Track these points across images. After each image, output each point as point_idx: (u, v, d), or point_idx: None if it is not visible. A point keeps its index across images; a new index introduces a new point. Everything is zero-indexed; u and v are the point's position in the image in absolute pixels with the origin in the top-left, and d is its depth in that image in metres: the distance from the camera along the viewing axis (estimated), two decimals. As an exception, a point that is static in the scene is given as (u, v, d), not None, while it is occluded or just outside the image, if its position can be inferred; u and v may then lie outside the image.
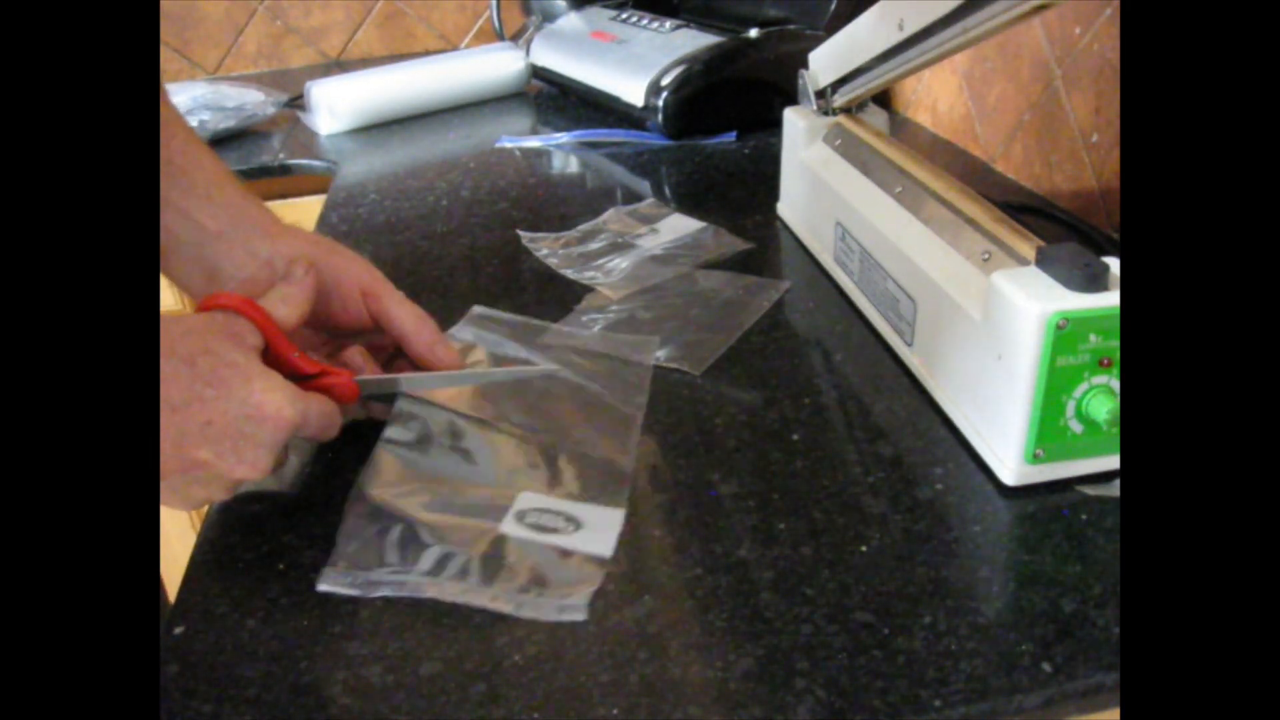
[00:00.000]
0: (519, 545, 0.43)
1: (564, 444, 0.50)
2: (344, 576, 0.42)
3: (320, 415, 0.46)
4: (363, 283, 0.52)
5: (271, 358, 0.46)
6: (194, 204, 0.51)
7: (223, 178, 0.53)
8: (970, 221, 0.53)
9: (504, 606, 0.40)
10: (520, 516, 0.45)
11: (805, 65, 0.72)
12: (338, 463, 0.50)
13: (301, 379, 0.46)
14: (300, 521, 0.46)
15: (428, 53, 1.25)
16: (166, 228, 0.51)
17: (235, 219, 0.52)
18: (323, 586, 0.42)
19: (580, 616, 0.40)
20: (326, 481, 0.48)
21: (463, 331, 0.60)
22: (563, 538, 0.44)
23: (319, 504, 0.47)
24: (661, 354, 0.58)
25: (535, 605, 0.40)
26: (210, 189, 0.52)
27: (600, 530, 0.44)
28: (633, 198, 0.84)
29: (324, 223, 0.83)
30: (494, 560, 0.43)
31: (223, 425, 0.41)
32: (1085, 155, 0.74)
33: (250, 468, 0.43)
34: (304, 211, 1.04)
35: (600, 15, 1.16)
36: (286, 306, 0.48)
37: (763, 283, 0.66)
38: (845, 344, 0.59)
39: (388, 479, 0.46)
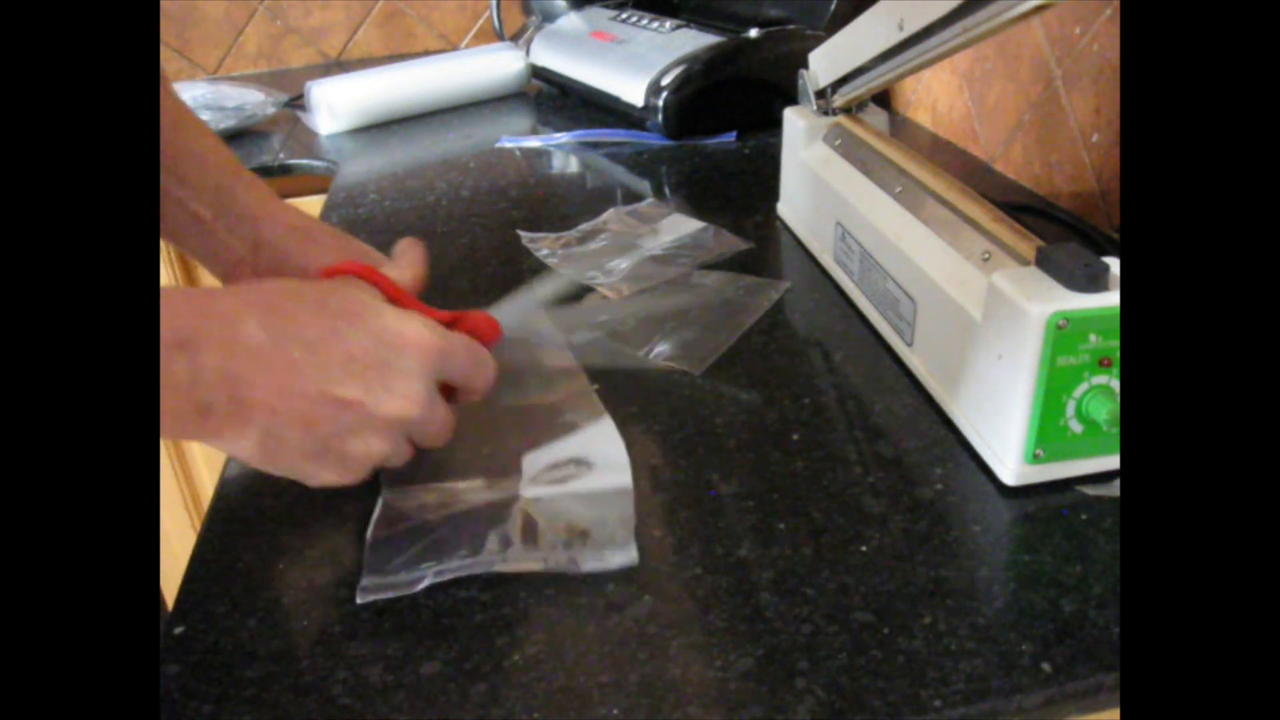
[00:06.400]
0: (547, 504, 0.45)
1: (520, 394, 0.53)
2: (384, 580, 0.41)
3: (467, 349, 0.44)
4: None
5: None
6: (187, 194, 0.52)
7: (211, 162, 0.53)
8: (970, 221, 0.53)
9: (559, 566, 0.42)
10: (534, 479, 0.46)
11: (805, 65, 0.72)
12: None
13: None
14: (300, 521, 0.46)
15: (428, 53, 1.25)
16: (172, 219, 0.52)
17: (223, 205, 0.52)
18: (363, 599, 0.41)
19: (633, 559, 0.42)
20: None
21: None
22: (581, 483, 0.46)
23: (319, 504, 0.47)
24: (662, 353, 0.58)
25: (590, 558, 0.42)
26: (201, 176, 0.52)
27: (609, 464, 0.47)
28: (633, 198, 0.83)
29: (324, 222, 0.83)
30: (530, 526, 0.44)
31: (365, 358, 0.39)
32: (1085, 155, 0.74)
33: (404, 400, 0.40)
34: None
35: (600, 15, 1.16)
36: (400, 269, 0.49)
37: (763, 283, 0.66)
38: (845, 344, 0.59)
39: (400, 497, 0.47)
